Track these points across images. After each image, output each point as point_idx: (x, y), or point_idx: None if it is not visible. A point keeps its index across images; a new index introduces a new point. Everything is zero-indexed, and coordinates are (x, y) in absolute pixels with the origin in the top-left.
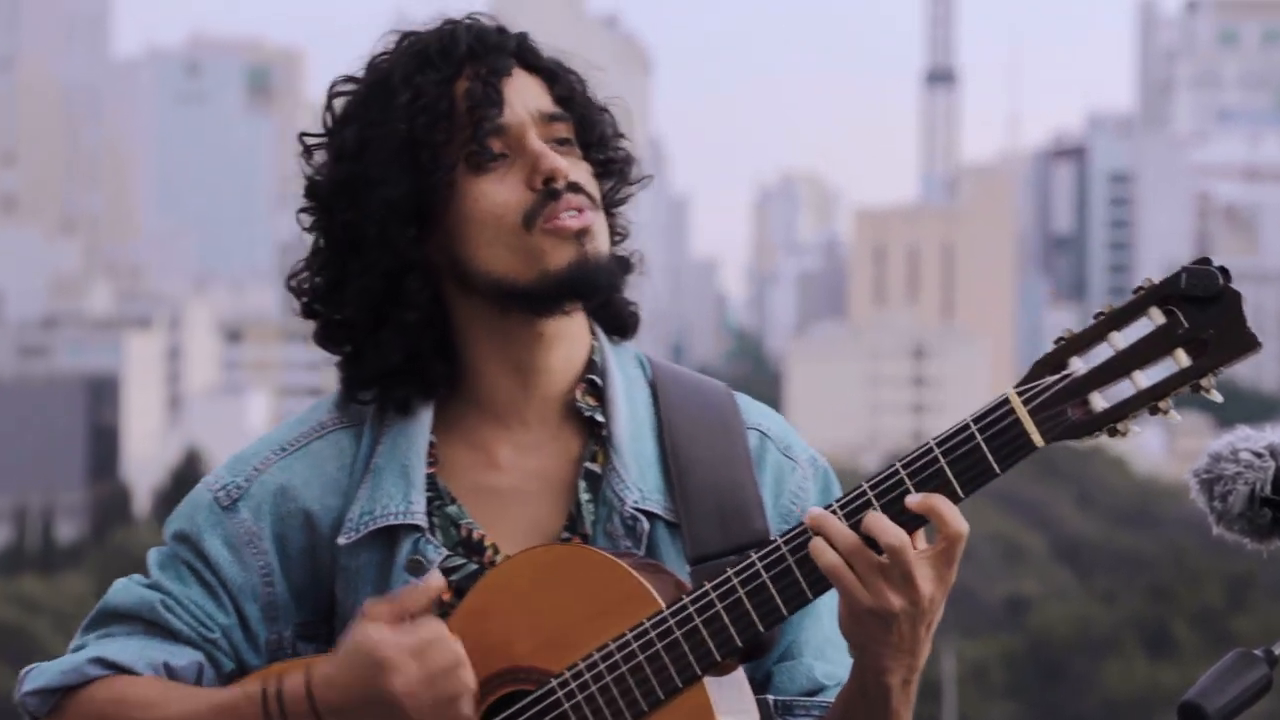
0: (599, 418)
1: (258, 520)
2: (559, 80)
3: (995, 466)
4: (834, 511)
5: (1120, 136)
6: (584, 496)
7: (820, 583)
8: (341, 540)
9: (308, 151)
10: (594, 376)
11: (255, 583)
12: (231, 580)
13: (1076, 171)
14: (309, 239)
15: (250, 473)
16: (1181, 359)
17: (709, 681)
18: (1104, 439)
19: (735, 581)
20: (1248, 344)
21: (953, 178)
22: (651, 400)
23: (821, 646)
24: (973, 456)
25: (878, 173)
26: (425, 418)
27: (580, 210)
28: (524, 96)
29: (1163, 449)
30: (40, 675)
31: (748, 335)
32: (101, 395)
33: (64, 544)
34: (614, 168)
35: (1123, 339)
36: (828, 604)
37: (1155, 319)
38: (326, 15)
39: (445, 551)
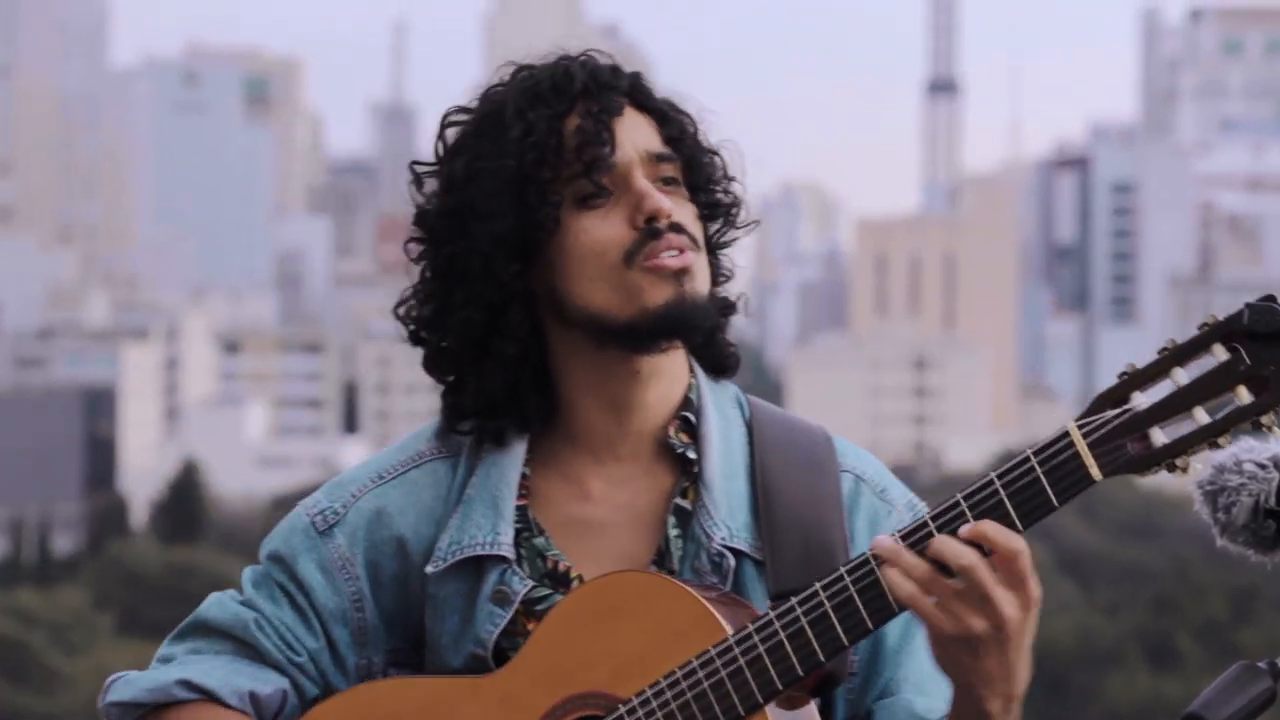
0: (691, 455)
1: (352, 546)
2: (669, 121)
3: (1054, 499)
4: (897, 542)
5: (1123, 146)
6: (672, 532)
7: (880, 613)
8: (430, 569)
9: (418, 180)
10: (689, 414)
11: (346, 608)
12: (323, 605)
13: (1079, 181)
14: (412, 268)
15: (348, 499)
16: (1243, 395)
17: (773, 712)
18: (1163, 475)
19: (799, 611)
20: None
21: (954, 187)
22: (747, 440)
23: (921, 682)
24: (1032, 489)
25: (879, 182)
26: (519, 450)
27: (681, 250)
28: (633, 136)
29: None
30: (126, 688)
31: (748, 346)
32: (98, 406)
33: (60, 556)
34: (720, 210)
35: (1185, 375)
36: (923, 635)
37: (1218, 355)
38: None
39: (531, 583)
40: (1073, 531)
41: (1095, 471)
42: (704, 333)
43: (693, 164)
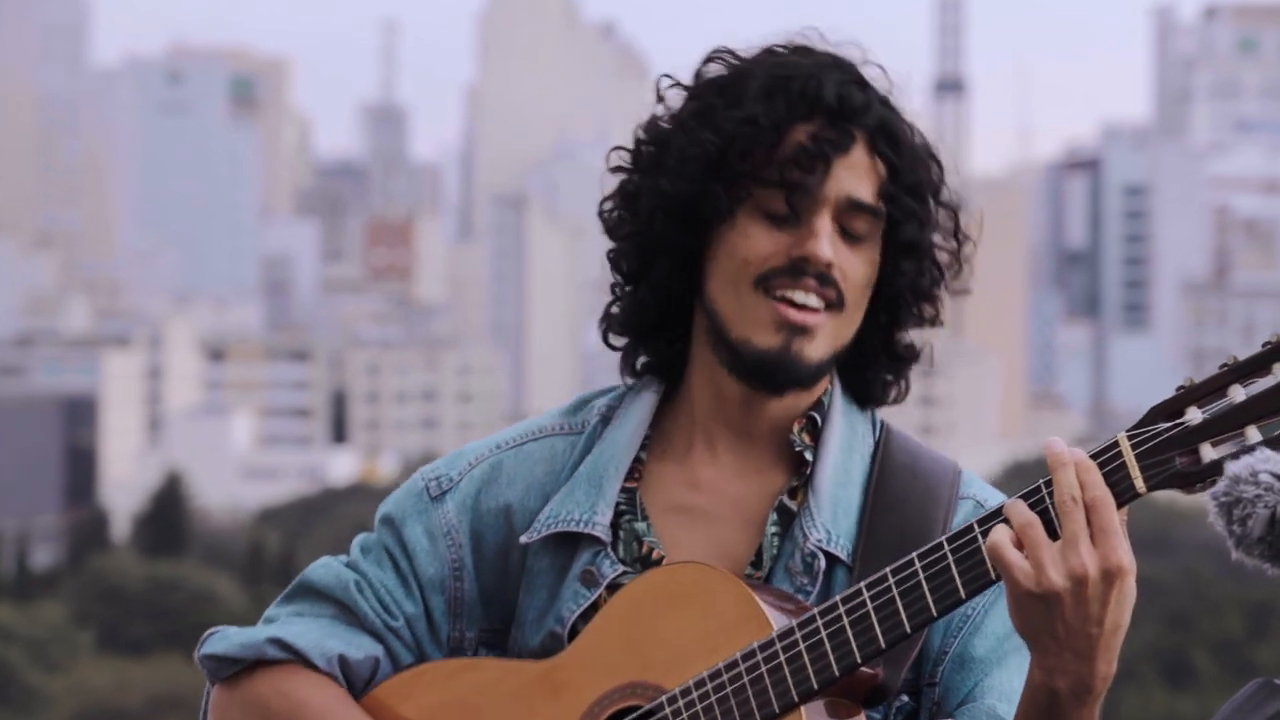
0: (809, 456)
1: (460, 514)
2: (899, 174)
3: None
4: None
5: (1136, 148)
6: (771, 529)
7: (979, 580)
8: (523, 539)
9: (660, 99)
10: (816, 414)
11: (445, 575)
12: (423, 570)
13: (1090, 184)
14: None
15: (464, 467)
16: None
17: (809, 710)
18: (1203, 489)
19: (842, 610)
20: None
21: (962, 190)
22: (871, 455)
23: (1007, 692)
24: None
25: None
26: (638, 431)
27: (813, 307)
28: (846, 176)
29: None
30: (221, 641)
31: None
32: (78, 416)
33: (40, 571)
34: (921, 268)
35: (1243, 392)
36: (1017, 657)
37: (1277, 373)
38: (313, 23)
39: (621, 567)
40: None
41: (1140, 484)
42: (790, 388)
43: (897, 221)
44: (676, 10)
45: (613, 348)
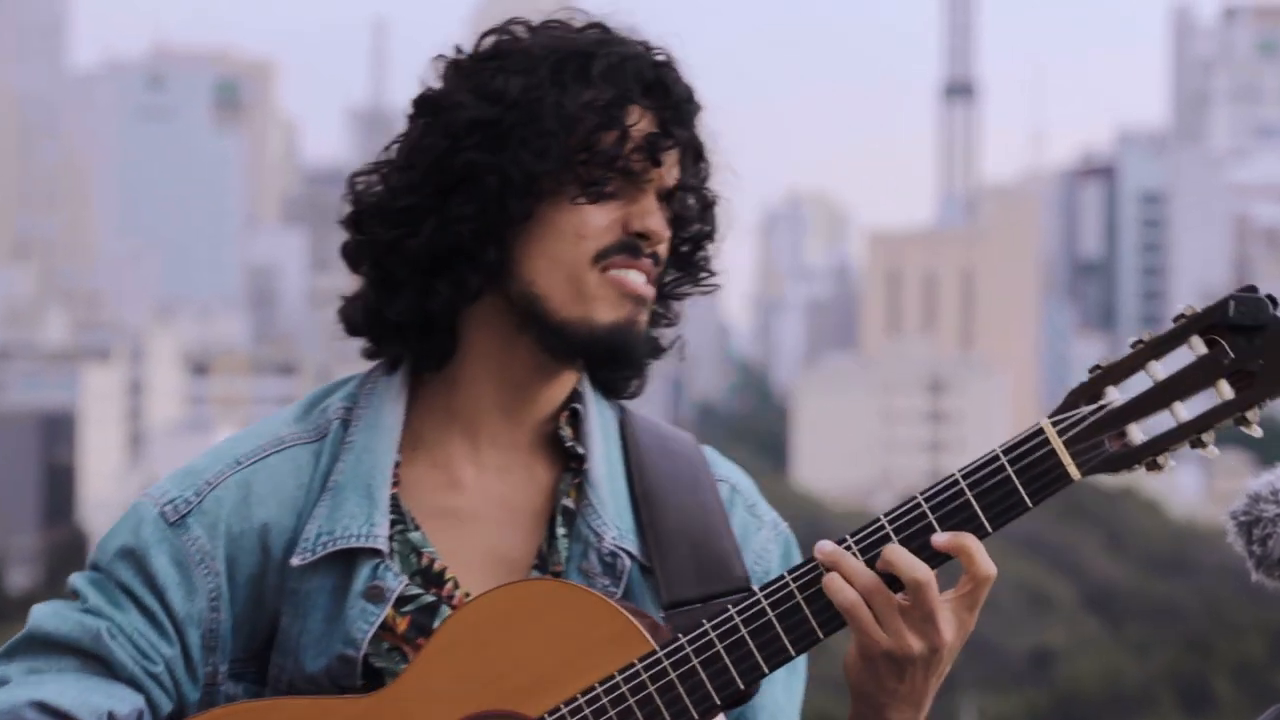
0: (580, 450)
1: (212, 539)
2: (697, 161)
3: (1027, 500)
4: (848, 547)
5: (1152, 154)
6: (560, 530)
7: (830, 622)
8: (295, 561)
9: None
10: (578, 406)
11: (202, 608)
12: (177, 605)
13: (1105, 191)
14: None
15: (202, 486)
16: (1225, 391)
17: None
18: (1139, 473)
19: (738, 620)
20: None
21: (972, 198)
22: (621, 440)
23: (775, 713)
24: (1002, 489)
25: (891, 193)
26: (393, 433)
27: (648, 278)
28: (669, 160)
29: (1199, 490)
30: None
31: (752, 367)
32: (56, 432)
33: (16, 593)
34: (691, 261)
35: (1162, 369)
36: (787, 673)
37: (1196, 348)
38: (299, 24)
39: (405, 580)
40: (1099, 566)
41: (1074, 470)
42: (638, 365)
43: (685, 209)
44: (678, 10)
45: (376, 347)
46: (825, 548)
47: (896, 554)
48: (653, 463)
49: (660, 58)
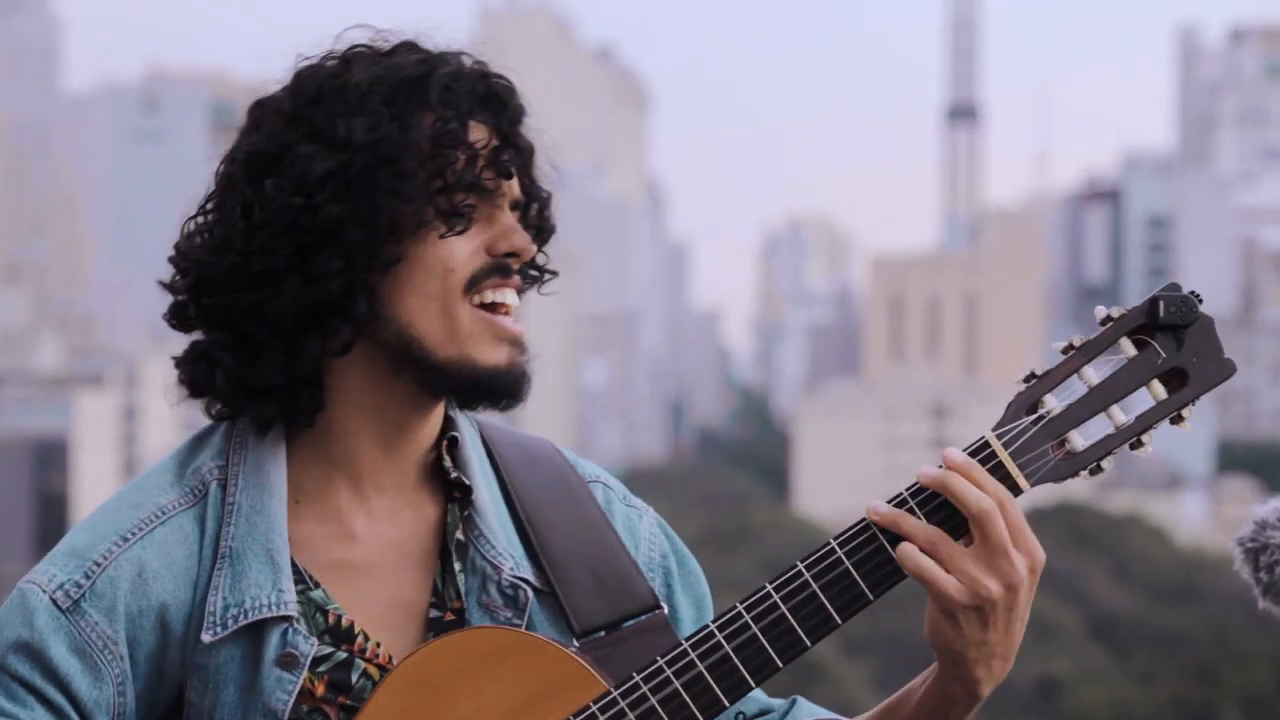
0: (466, 480)
1: (111, 622)
2: (533, 170)
3: None
4: (904, 504)
5: (1158, 177)
6: (457, 565)
7: (785, 652)
8: (206, 638)
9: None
10: (455, 433)
11: (110, 694)
12: (83, 694)
13: (1111, 215)
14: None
15: (90, 567)
16: (1158, 391)
17: None
18: (1082, 477)
19: (693, 655)
20: (1226, 371)
21: (976, 222)
22: (489, 459)
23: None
24: (950, 507)
25: (894, 216)
26: (279, 490)
27: (518, 293)
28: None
29: (1206, 517)
30: None
31: (753, 393)
32: (49, 460)
33: None
34: (531, 264)
35: (1095, 373)
36: None
37: (1126, 350)
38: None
39: (315, 641)
40: (1104, 595)
41: (1023, 482)
42: (516, 403)
43: (536, 217)
44: (677, 34)
45: (235, 410)
46: (880, 509)
47: (960, 486)
48: (524, 478)
49: (485, 68)
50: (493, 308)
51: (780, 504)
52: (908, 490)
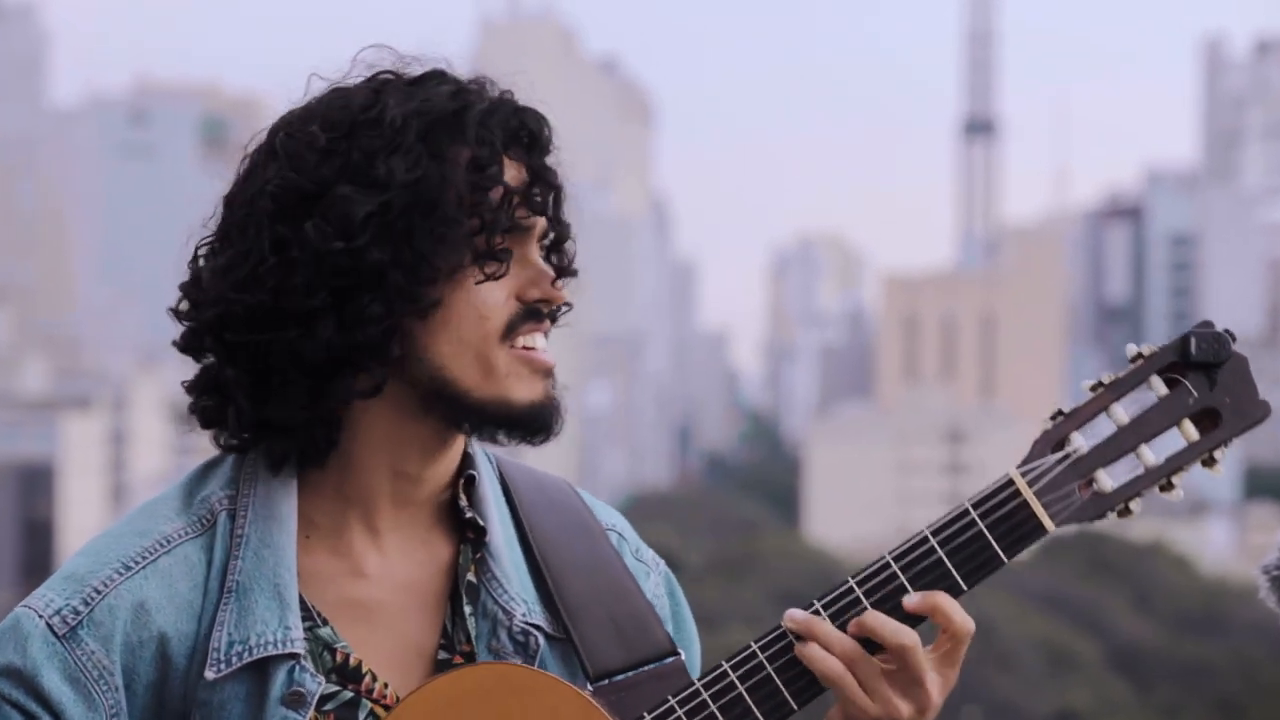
0: (481, 521)
1: (108, 652)
2: (558, 195)
3: (1001, 554)
4: (817, 613)
5: (1182, 193)
6: (467, 608)
7: (805, 691)
8: (209, 675)
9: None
10: (473, 471)
11: None
12: None
13: (1133, 233)
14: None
15: (90, 594)
16: (1189, 432)
17: None
18: (1110, 519)
19: (705, 695)
20: (1261, 412)
21: (993, 239)
22: (505, 497)
23: None
24: (974, 545)
25: (908, 234)
26: (290, 524)
27: (547, 335)
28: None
29: (1231, 544)
30: None
31: (762, 416)
32: (35, 485)
33: None
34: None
35: (1124, 411)
36: None
37: (1157, 389)
38: (289, 57)
39: (322, 679)
40: (1125, 625)
41: (1048, 522)
42: (550, 437)
43: (562, 252)
44: (684, 46)
45: (247, 444)
46: (796, 616)
47: (876, 619)
48: (541, 519)
49: (514, 101)
50: (528, 349)
51: (790, 531)
52: (824, 596)
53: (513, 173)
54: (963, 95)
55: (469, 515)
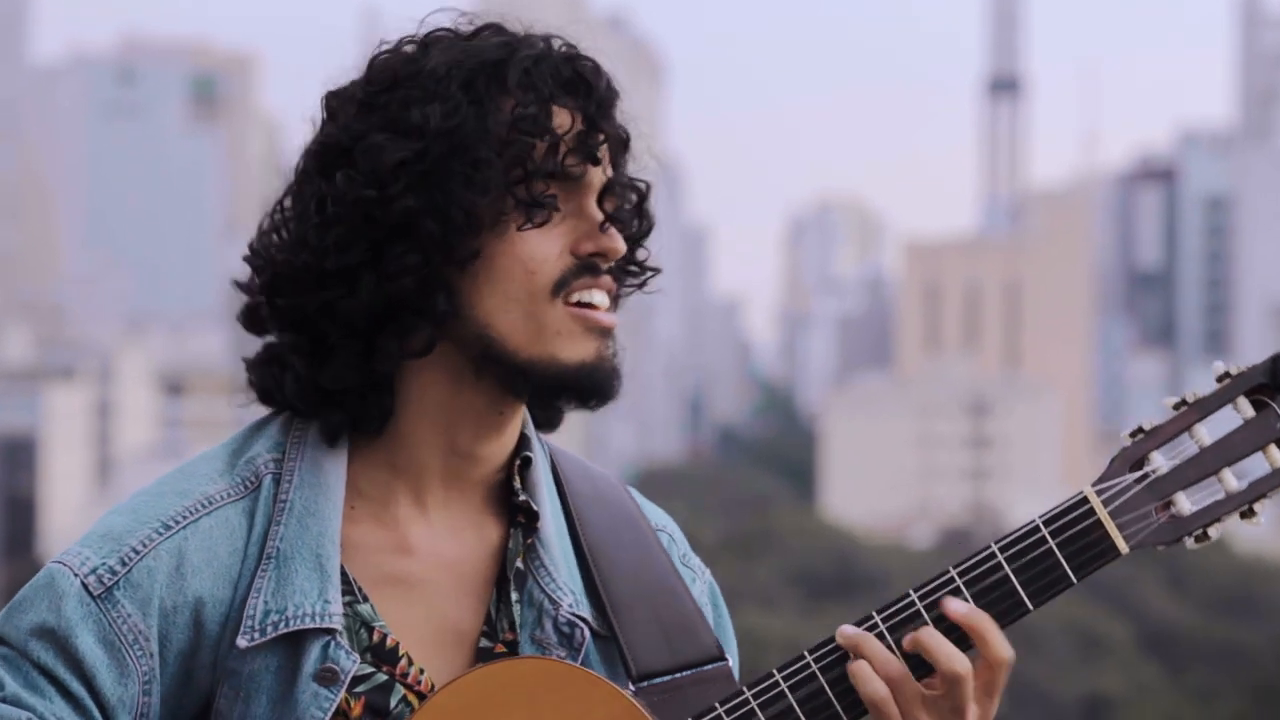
0: (534, 505)
1: (145, 616)
2: (624, 159)
3: (1071, 575)
4: (874, 627)
5: (1217, 155)
6: (514, 595)
7: (859, 705)
8: (242, 642)
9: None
10: (529, 454)
11: (135, 692)
12: (107, 690)
13: (1165, 196)
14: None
15: (128, 554)
16: (1275, 457)
17: None
18: (1187, 543)
19: (754, 704)
20: None
21: (1018, 203)
22: (557, 488)
23: None
24: (1043, 563)
25: (930, 198)
26: (337, 494)
27: (611, 298)
28: (603, 159)
29: (1268, 522)
30: None
31: (777, 387)
32: (17, 458)
33: None
34: (629, 260)
35: (1207, 432)
36: None
37: (1243, 411)
38: (282, 13)
39: (357, 658)
40: (1158, 606)
41: (1121, 544)
42: (607, 401)
43: (624, 209)
44: (704, 17)
45: (305, 415)
46: (847, 631)
47: (934, 640)
48: (592, 513)
49: (570, 50)
50: (585, 306)
51: (806, 508)
52: (885, 609)
53: (563, 121)
54: (987, 52)
55: (522, 499)
